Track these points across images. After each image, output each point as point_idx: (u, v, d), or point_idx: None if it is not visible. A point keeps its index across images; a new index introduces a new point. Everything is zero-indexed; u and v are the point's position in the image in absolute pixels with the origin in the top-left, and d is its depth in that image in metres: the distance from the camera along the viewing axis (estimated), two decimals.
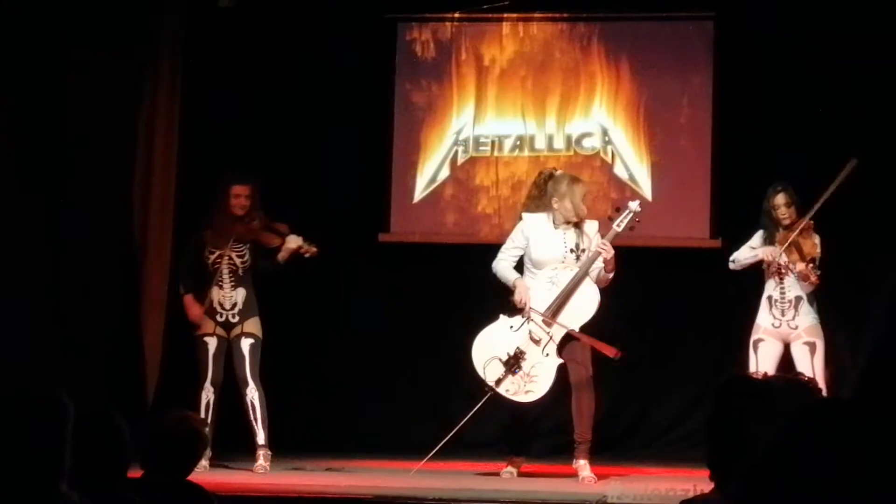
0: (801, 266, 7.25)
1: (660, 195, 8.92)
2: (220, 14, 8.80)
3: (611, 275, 7.26)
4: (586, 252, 7.27)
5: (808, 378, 5.45)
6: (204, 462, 7.26)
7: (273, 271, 7.68)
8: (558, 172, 7.53)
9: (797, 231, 7.27)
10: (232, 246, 7.64)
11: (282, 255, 7.60)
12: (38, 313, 7.96)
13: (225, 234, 7.63)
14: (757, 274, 7.49)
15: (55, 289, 8.13)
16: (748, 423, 3.03)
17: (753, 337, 7.43)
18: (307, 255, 7.57)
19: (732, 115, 8.80)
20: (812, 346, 7.28)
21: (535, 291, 7.29)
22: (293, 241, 7.56)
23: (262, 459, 7.54)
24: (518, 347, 7.25)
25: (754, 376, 3.16)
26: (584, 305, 7.25)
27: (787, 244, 7.27)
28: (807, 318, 7.33)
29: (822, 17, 8.53)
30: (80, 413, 3.09)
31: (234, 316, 7.65)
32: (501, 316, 7.38)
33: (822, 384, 6.62)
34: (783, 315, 7.35)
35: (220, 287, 7.66)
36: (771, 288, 7.41)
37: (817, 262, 7.30)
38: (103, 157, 8.33)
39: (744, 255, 7.44)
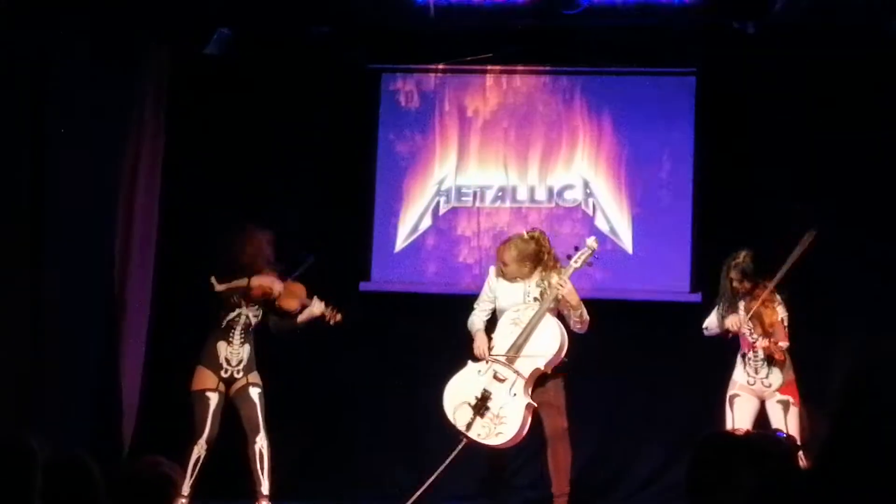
0: (763, 343, 7.28)
1: (640, 248, 8.94)
2: (205, 62, 8.82)
3: (578, 312, 7.28)
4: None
5: (787, 435, 5.47)
6: None
7: (286, 332, 7.76)
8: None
9: (759, 301, 7.28)
10: (249, 305, 7.66)
11: (302, 318, 7.67)
12: (17, 359, 7.90)
13: (245, 296, 7.64)
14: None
15: (34, 333, 8.08)
16: (727, 479, 3.03)
17: (730, 392, 7.43)
18: (332, 323, 7.62)
19: (714, 169, 8.84)
20: (785, 405, 7.27)
21: (500, 332, 7.38)
22: (318, 308, 7.61)
23: None
24: (485, 389, 7.29)
25: (734, 433, 3.16)
26: (546, 341, 7.29)
27: (750, 315, 7.29)
28: (780, 375, 7.34)
29: (804, 72, 8.60)
30: (54, 460, 3.06)
31: (238, 372, 7.67)
32: (469, 362, 7.43)
33: (798, 441, 6.61)
34: (756, 373, 7.36)
35: (230, 343, 7.66)
36: (744, 345, 7.42)
37: (785, 323, 7.30)
38: (85, 205, 8.31)
39: (714, 324, 7.48)
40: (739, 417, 7.28)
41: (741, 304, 7.37)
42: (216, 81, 9.00)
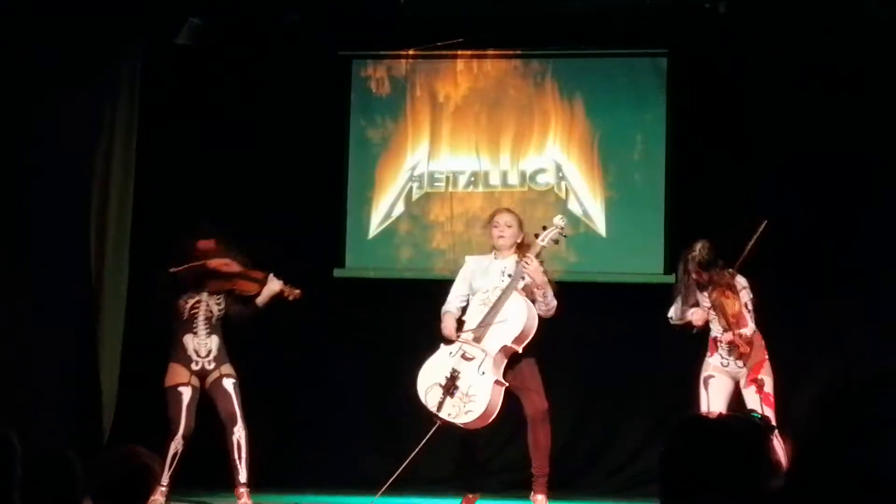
0: (728, 337, 7.26)
1: (614, 231, 8.96)
2: (177, 51, 8.78)
3: (543, 291, 7.25)
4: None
5: (762, 416, 5.49)
6: (159, 498, 7.22)
7: (246, 318, 7.71)
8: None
9: (719, 292, 7.23)
10: (209, 294, 7.63)
11: (261, 299, 7.63)
12: None
13: (202, 283, 7.61)
14: None
15: (12, 328, 8.06)
16: (702, 462, 3.04)
17: (704, 374, 7.41)
18: (291, 298, 7.59)
19: (686, 150, 8.86)
20: (759, 385, 7.27)
21: (469, 313, 7.41)
22: (275, 284, 7.58)
23: (246, 497, 7.55)
24: (453, 368, 7.29)
25: (709, 415, 3.17)
26: (512, 318, 7.27)
27: (710, 306, 7.28)
28: (753, 355, 7.33)
29: (775, 52, 8.62)
30: (32, 452, 3.05)
31: (209, 363, 7.63)
32: (442, 345, 7.43)
33: (773, 421, 6.64)
34: (729, 354, 7.36)
35: (195, 334, 7.63)
36: (715, 330, 7.40)
37: (749, 307, 7.28)
38: (59, 195, 8.29)
39: (678, 315, 7.44)
40: (714, 399, 7.28)
41: (703, 296, 7.34)
42: (187, 72, 8.96)
